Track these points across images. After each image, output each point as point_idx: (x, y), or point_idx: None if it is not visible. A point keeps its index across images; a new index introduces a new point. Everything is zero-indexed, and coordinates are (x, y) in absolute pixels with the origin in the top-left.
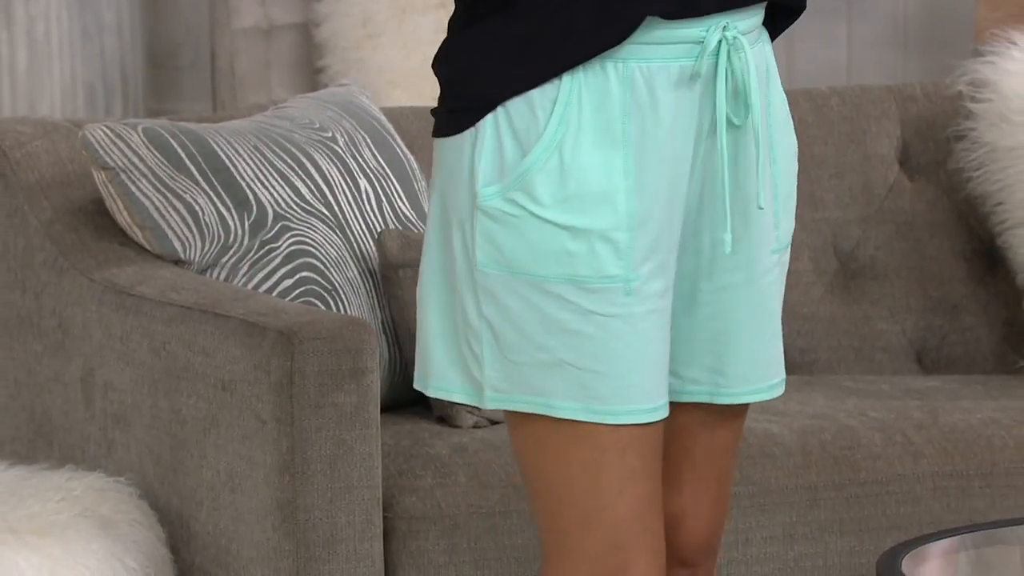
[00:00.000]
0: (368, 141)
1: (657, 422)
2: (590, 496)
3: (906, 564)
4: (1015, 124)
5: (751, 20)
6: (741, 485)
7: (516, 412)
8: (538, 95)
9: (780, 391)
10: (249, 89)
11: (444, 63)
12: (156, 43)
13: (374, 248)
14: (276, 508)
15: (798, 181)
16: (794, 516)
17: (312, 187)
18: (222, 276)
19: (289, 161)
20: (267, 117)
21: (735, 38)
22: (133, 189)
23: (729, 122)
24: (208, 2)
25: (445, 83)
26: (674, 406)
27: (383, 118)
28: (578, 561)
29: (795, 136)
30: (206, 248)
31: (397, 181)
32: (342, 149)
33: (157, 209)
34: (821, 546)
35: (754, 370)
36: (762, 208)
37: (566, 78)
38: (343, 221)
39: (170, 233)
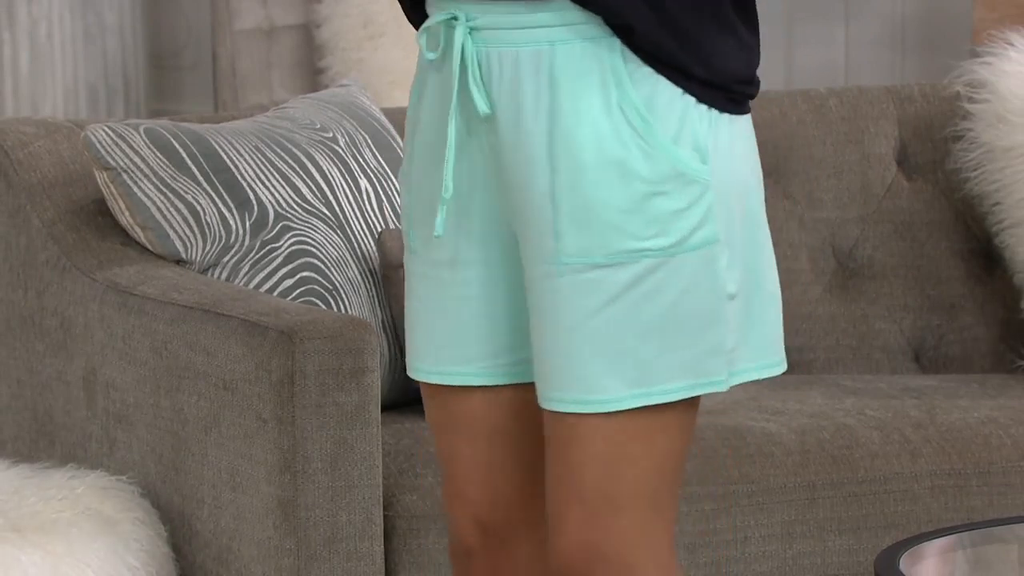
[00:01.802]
0: (369, 141)
1: (438, 385)
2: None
3: (904, 562)
4: (1012, 124)
5: (512, 16)
6: (740, 484)
7: None
8: None
9: (580, 408)
10: (250, 90)
11: None
12: (158, 44)
13: (375, 248)
14: (277, 507)
15: (797, 181)
16: (793, 515)
17: (313, 187)
18: (223, 276)
19: (290, 161)
20: (268, 118)
21: (470, 31)
22: (135, 189)
23: (478, 114)
24: (210, 3)
25: None
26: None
27: (384, 118)
28: None
29: (610, 153)
30: (207, 248)
31: (397, 181)
32: (343, 149)
33: (159, 209)
34: (819, 544)
35: (545, 375)
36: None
37: None
38: (344, 221)
39: (172, 233)
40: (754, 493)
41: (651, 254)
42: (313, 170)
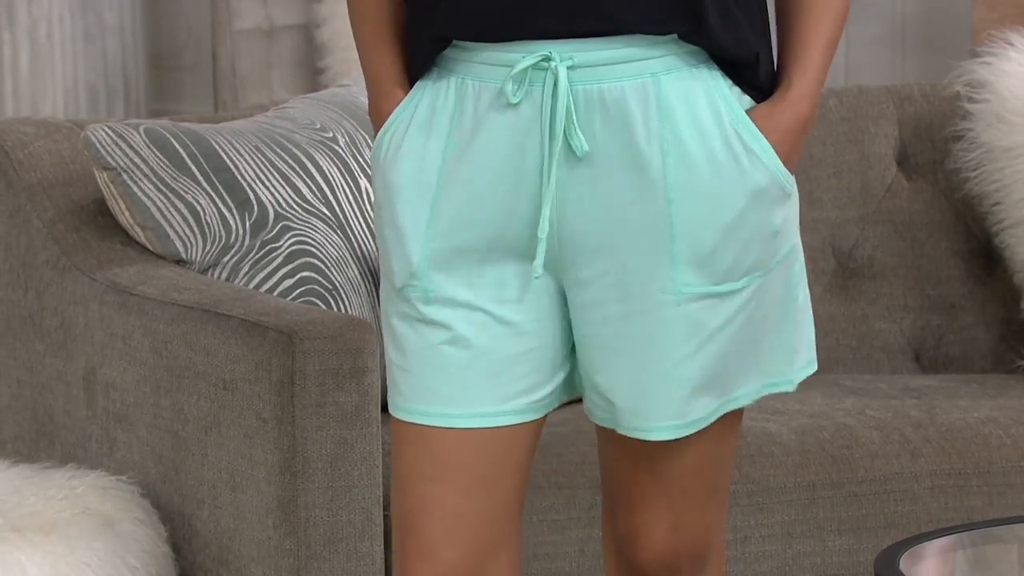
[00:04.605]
0: (369, 141)
1: (456, 429)
2: (393, 482)
3: (904, 562)
4: (1012, 124)
5: (611, 52)
6: (740, 484)
7: None
8: (407, 93)
9: (685, 432)
10: (250, 90)
11: None
12: (158, 44)
13: (375, 248)
14: (277, 507)
15: (797, 181)
16: (793, 515)
17: (313, 187)
18: (223, 276)
19: (290, 161)
20: (268, 117)
21: (559, 68)
22: (135, 189)
23: (574, 152)
24: (210, 3)
25: None
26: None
27: None
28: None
29: (725, 172)
30: (207, 248)
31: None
32: (343, 149)
33: (159, 209)
34: (819, 544)
35: (644, 406)
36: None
37: (419, 82)
38: (344, 221)
39: (172, 233)
40: (754, 493)
41: (758, 274)
42: (313, 170)
